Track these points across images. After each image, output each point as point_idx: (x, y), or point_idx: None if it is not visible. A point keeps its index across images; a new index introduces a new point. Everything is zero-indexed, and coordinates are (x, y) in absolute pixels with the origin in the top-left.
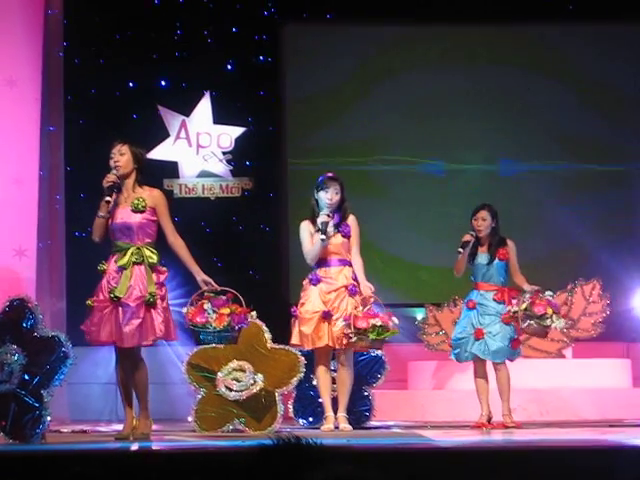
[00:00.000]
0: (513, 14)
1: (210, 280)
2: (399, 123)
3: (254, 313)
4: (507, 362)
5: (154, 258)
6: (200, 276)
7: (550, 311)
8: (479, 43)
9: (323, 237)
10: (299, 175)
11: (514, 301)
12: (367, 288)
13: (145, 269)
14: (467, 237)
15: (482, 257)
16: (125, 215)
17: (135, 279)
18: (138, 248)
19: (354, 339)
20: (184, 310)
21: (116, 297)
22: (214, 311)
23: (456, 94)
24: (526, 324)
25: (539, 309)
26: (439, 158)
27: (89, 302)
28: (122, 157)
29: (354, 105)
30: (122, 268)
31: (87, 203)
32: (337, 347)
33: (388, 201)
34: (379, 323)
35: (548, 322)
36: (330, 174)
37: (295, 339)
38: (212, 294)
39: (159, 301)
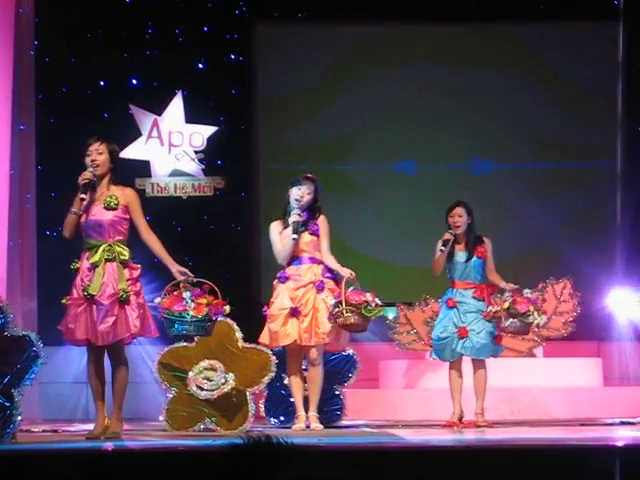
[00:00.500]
0: (483, 13)
1: (186, 270)
2: (371, 122)
3: (227, 307)
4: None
5: (125, 255)
6: (175, 267)
7: (532, 308)
8: (450, 42)
9: (295, 236)
10: (271, 175)
11: (494, 300)
12: (348, 272)
13: (117, 266)
14: (447, 235)
15: (460, 255)
16: (97, 212)
17: (107, 276)
18: (109, 245)
19: (342, 318)
20: (157, 300)
21: (90, 295)
22: (192, 300)
23: (428, 93)
24: (508, 322)
25: (522, 307)
26: (411, 157)
27: (64, 301)
28: (100, 156)
29: (326, 104)
30: (94, 265)
31: (58, 202)
32: (305, 344)
33: (359, 200)
34: (370, 298)
35: (531, 319)
36: (308, 174)
37: (263, 338)
38: (188, 285)
39: (133, 297)
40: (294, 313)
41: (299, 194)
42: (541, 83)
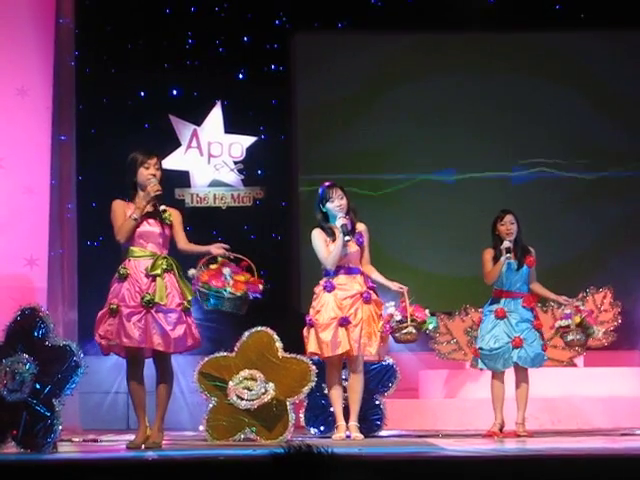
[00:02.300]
0: (528, 22)
1: (223, 245)
2: (410, 131)
3: (261, 286)
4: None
5: (179, 268)
6: (211, 245)
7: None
8: (491, 50)
9: (348, 237)
10: (310, 184)
11: (556, 314)
12: (399, 287)
13: (176, 277)
14: (507, 243)
15: (512, 264)
16: (153, 225)
17: (170, 286)
18: (165, 257)
19: (408, 330)
20: (192, 272)
21: (152, 303)
22: (232, 277)
23: (467, 101)
24: (578, 336)
25: (590, 320)
26: (450, 166)
27: (113, 306)
28: (158, 172)
29: (365, 113)
30: (155, 276)
31: (98, 212)
32: (355, 354)
33: (399, 209)
34: (429, 313)
35: (594, 333)
36: (327, 183)
37: (313, 347)
38: (226, 260)
39: (192, 308)
40: (343, 323)
41: (337, 205)
42: (584, 91)
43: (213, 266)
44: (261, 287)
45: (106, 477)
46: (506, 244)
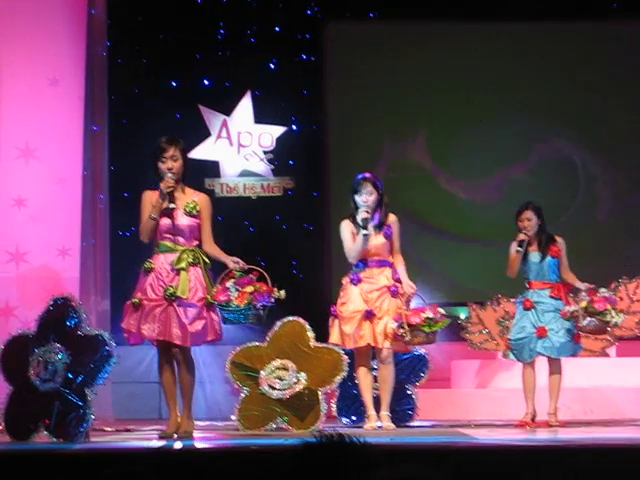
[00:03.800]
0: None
1: (238, 260)
2: (444, 122)
3: (283, 292)
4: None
5: (207, 261)
6: (229, 258)
7: (609, 307)
8: (528, 40)
9: (366, 232)
10: (341, 174)
11: (571, 300)
12: (409, 287)
13: (202, 271)
14: (522, 236)
15: (534, 256)
16: (177, 217)
17: (194, 280)
18: (192, 250)
19: (408, 337)
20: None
21: (174, 296)
22: (237, 289)
23: (501, 95)
24: (587, 322)
25: (599, 305)
26: (483, 158)
27: (136, 300)
28: (176, 163)
29: (397, 104)
30: (180, 269)
31: (131, 202)
32: (379, 346)
33: (434, 196)
34: (430, 315)
35: (609, 318)
36: (363, 175)
37: (335, 338)
38: (241, 273)
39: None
40: (369, 316)
41: (363, 200)
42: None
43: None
44: (282, 293)
45: (138, 467)
46: (520, 237)
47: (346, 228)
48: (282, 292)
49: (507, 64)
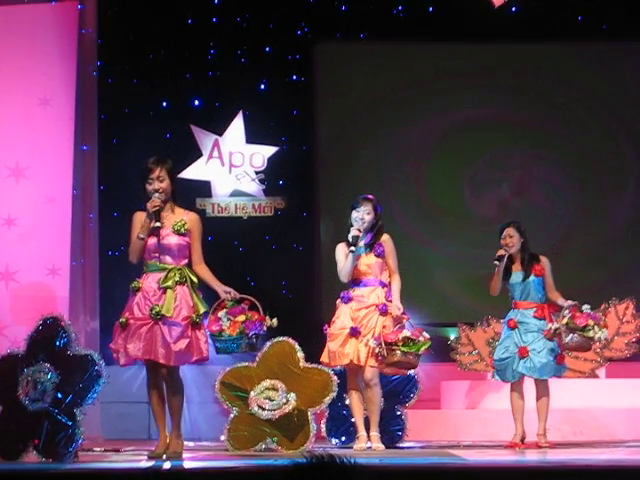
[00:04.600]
0: (551, 33)
1: (230, 289)
2: (433, 142)
3: (275, 320)
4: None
5: (195, 280)
6: (221, 288)
7: (592, 322)
8: (515, 61)
9: (352, 249)
10: (331, 195)
11: (554, 317)
12: (396, 308)
13: (188, 290)
14: (501, 251)
15: (517, 275)
16: (165, 236)
17: (180, 299)
18: (179, 269)
19: (386, 356)
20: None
21: (159, 315)
22: (228, 319)
23: (490, 112)
24: (569, 337)
25: (581, 321)
26: (471, 176)
27: (123, 319)
28: (162, 183)
29: (387, 124)
30: (166, 288)
31: (120, 222)
32: (362, 364)
33: (423, 218)
34: (408, 334)
35: (591, 333)
36: (366, 195)
37: (324, 356)
38: (233, 303)
39: (202, 322)
40: (354, 333)
41: (359, 216)
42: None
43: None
44: (274, 321)
45: None
46: (499, 252)
47: (340, 250)
48: (274, 320)
49: (496, 83)
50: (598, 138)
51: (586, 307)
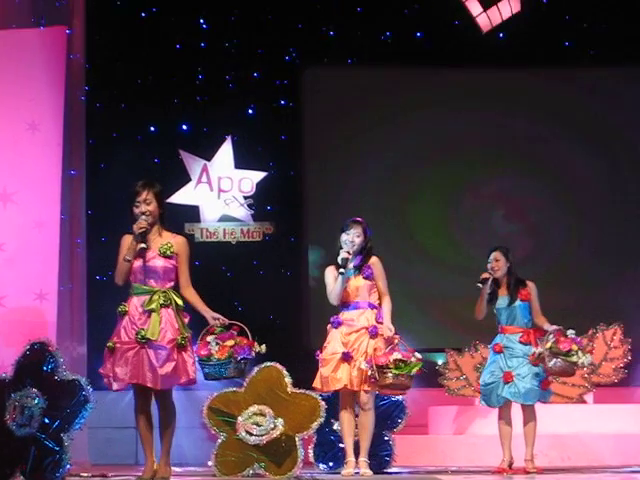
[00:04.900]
0: (537, 58)
1: (219, 316)
2: (422, 167)
3: (264, 346)
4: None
5: (180, 302)
6: (209, 314)
7: (575, 347)
8: (502, 86)
9: (342, 271)
10: (319, 220)
11: (539, 342)
12: (387, 329)
13: (173, 312)
14: (485, 274)
15: (503, 299)
16: (151, 259)
17: (165, 321)
18: (164, 291)
19: (378, 378)
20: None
21: (146, 339)
22: (217, 343)
23: (476, 137)
24: (553, 362)
25: (564, 346)
26: (459, 200)
27: (110, 344)
28: (149, 206)
29: (376, 149)
30: (150, 311)
31: (108, 247)
32: (356, 389)
33: (410, 244)
34: (399, 356)
35: (575, 358)
36: (355, 218)
37: (316, 382)
38: (222, 329)
39: (188, 344)
40: (346, 358)
41: (349, 238)
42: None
43: (207, 338)
44: (263, 347)
45: None
46: (483, 275)
47: (329, 273)
48: (263, 346)
49: (485, 108)
50: (583, 160)
51: (571, 332)
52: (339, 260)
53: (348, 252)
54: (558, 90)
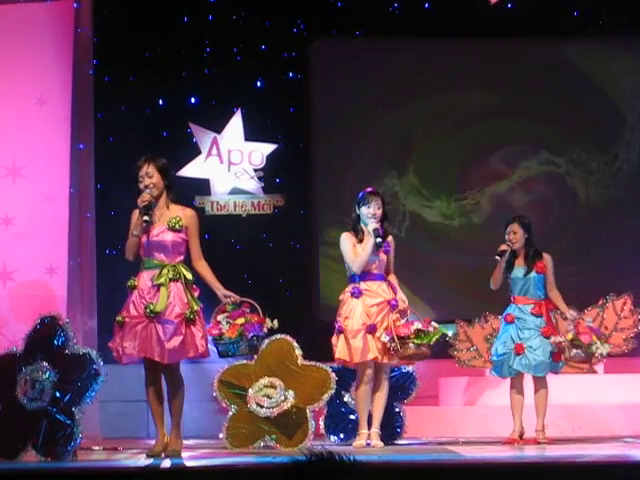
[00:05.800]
0: (546, 29)
1: (230, 293)
2: (428, 140)
3: (275, 322)
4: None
5: (189, 276)
6: (221, 291)
7: (595, 339)
8: (510, 59)
9: (379, 240)
10: (328, 192)
11: (558, 326)
12: (402, 301)
13: (182, 286)
14: (503, 246)
15: (519, 270)
16: (160, 233)
17: (174, 296)
18: (173, 266)
19: (400, 349)
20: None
21: (154, 313)
22: (228, 322)
23: (484, 111)
24: (573, 353)
25: (585, 338)
26: (470, 172)
27: (119, 318)
28: (151, 179)
29: (384, 121)
30: (159, 285)
31: (117, 220)
32: (384, 360)
33: (418, 216)
34: (420, 326)
35: (594, 349)
36: (370, 189)
37: (342, 353)
38: (233, 306)
39: (197, 318)
40: (371, 330)
41: (371, 212)
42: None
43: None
44: (275, 323)
45: None
46: (501, 247)
47: (348, 240)
48: (275, 322)
49: (493, 79)
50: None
51: (589, 320)
52: (371, 231)
53: (377, 222)
54: (569, 59)
